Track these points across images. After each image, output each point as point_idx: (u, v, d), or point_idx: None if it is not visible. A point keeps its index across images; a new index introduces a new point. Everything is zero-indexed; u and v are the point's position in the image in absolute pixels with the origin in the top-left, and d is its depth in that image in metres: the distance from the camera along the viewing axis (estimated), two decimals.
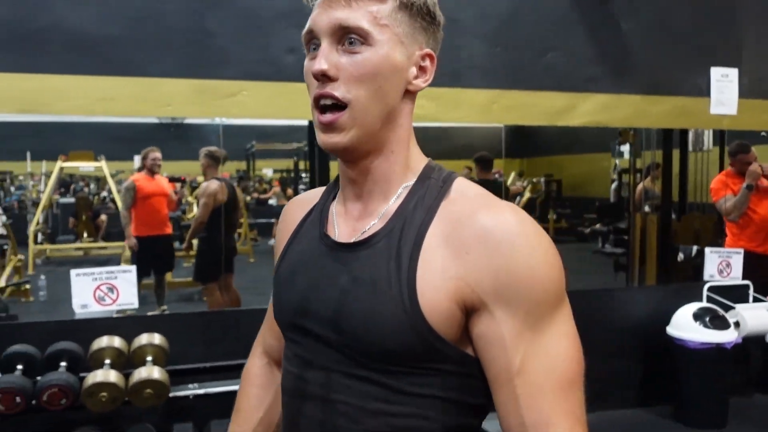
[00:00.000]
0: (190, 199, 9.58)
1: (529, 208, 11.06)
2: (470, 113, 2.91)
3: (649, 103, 3.16)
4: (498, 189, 5.45)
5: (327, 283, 0.85)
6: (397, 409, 0.80)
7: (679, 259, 5.43)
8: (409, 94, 0.87)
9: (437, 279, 0.78)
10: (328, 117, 0.82)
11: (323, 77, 0.81)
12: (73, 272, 2.62)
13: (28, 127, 10.15)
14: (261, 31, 2.63)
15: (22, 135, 10.31)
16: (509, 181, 11.01)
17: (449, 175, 0.88)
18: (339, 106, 0.82)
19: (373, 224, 0.86)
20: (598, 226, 9.27)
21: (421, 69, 0.87)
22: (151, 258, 5.55)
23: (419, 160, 0.90)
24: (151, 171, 5.53)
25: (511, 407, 0.76)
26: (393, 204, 0.86)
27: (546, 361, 0.76)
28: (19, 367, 2.37)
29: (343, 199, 0.92)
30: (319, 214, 0.94)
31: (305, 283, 0.88)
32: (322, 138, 0.83)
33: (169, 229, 5.69)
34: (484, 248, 0.76)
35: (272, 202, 11.70)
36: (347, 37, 0.81)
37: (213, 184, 5.18)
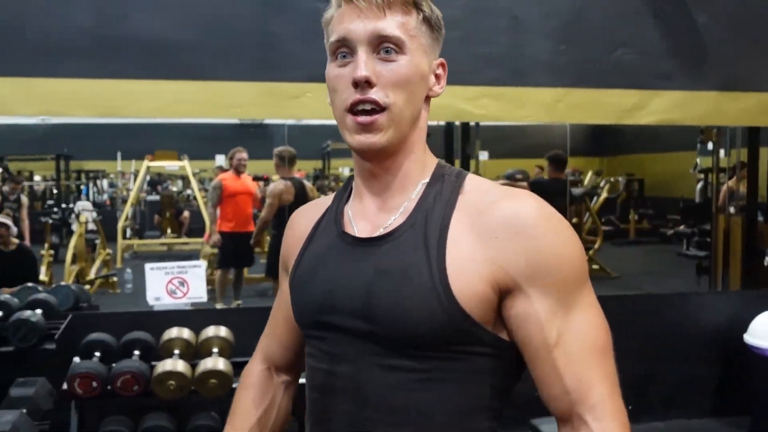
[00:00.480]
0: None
1: (607, 208, 10.72)
2: (535, 112, 2.87)
3: (728, 99, 3.01)
4: (564, 188, 5.31)
5: (352, 278, 0.88)
6: (427, 396, 0.83)
7: (765, 263, 5.13)
8: (428, 99, 0.94)
9: (467, 264, 0.82)
10: (366, 118, 0.86)
11: (365, 83, 0.85)
12: (148, 266, 2.77)
13: (119, 128, 10.72)
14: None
15: (114, 135, 10.90)
16: (586, 181, 10.71)
17: (460, 171, 0.93)
18: (377, 109, 0.86)
19: (394, 219, 0.90)
20: (681, 227, 8.86)
21: (437, 77, 0.93)
22: (234, 253, 5.78)
23: (432, 159, 0.95)
24: (237, 170, 5.76)
25: (553, 377, 0.82)
26: (412, 200, 0.90)
27: (579, 332, 0.82)
28: (97, 354, 2.52)
29: (360, 197, 0.95)
30: (333, 216, 0.98)
31: (327, 280, 0.91)
32: (359, 138, 0.87)
33: (252, 227, 5.87)
34: (512, 232, 0.82)
35: None
36: (383, 45, 0.86)
37: (279, 185, 5.32)
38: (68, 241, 7.27)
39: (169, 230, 9.64)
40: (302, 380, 1.02)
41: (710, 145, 6.47)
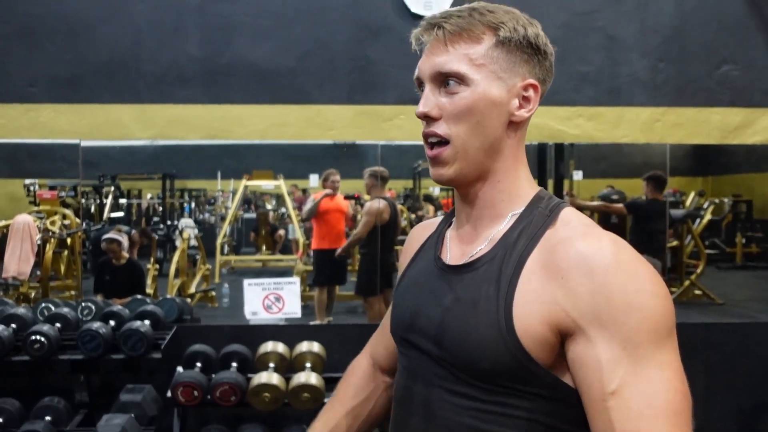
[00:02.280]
0: (359, 216, 10.02)
1: (712, 231, 10.15)
2: (631, 132, 2.79)
3: None
4: (663, 210, 5.10)
5: (433, 302, 0.91)
6: (489, 427, 0.83)
7: None
8: (514, 125, 0.91)
9: (532, 303, 0.81)
10: (433, 152, 0.89)
11: (427, 118, 0.89)
12: (246, 282, 2.89)
13: (219, 148, 11.24)
14: (418, 57, 2.74)
15: (215, 156, 11.44)
16: (688, 202, 10.21)
17: (557, 204, 0.90)
18: (443, 142, 0.89)
19: (480, 248, 0.90)
20: None
21: (525, 99, 0.90)
22: (328, 270, 5.93)
23: (529, 189, 0.93)
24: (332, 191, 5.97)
25: (604, 427, 0.75)
26: (500, 231, 0.90)
27: (646, 389, 0.74)
28: (198, 364, 2.66)
29: (457, 224, 0.98)
30: (435, 238, 1.01)
31: (416, 301, 0.95)
32: (432, 171, 0.91)
33: (344, 243, 6.04)
34: (579, 274, 0.78)
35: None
36: (446, 80, 0.88)
37: (378, 203, 5.40)
38: (172, 256, 7.67)
39: (264, 247, 9.98)
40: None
41: None
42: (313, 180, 8.95)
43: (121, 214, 9.76)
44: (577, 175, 7.25)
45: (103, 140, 3.02)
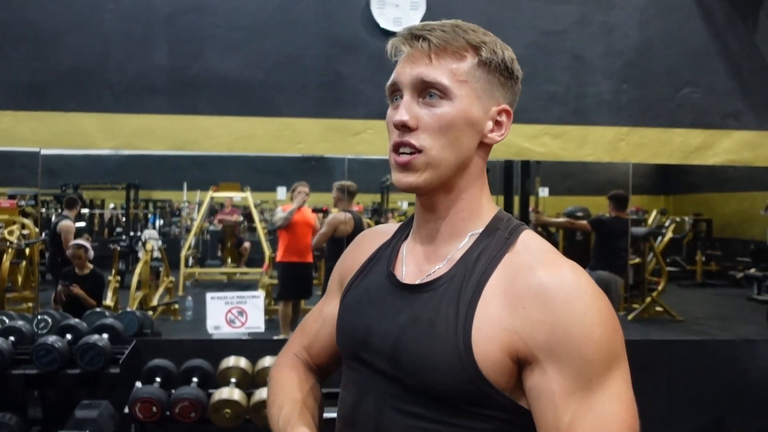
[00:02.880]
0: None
1: (672, 249, 10.36)
2: (596, 151, 2.84)
3: None
4: (626, 228, 5.19)
5: (388, 320, 0.90)
6: None
7: None
8: (484, 146, 0.91)
9: (492, 329, 0.80)
10: (403, 158, 0.87)
11: (403, 127, 0.86)
12: (209, 295, 2.85)
13: (185, 159, 11.10)
14: (389, 72, 2.75)
15: (181, 167, 11.30)
16: (650, 220, 10.42)
17: (517, 226, 0.90)
18: (415, 152, 0.87)
19: (438, 268, 0.89)
20: (752, 270, 8.50)
21: (497, 123, 0.90)
22: (293, 284, 5.87)
23: (489, 210, 0.92)
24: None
25: None
26: (459, 250, 0.89)
27: (596, 423, 0.75)
28: (158, 379, 2.60)
29: (415, 238, 0.96)
30: (389, 252, 0.98)
31: (368, 317, 0.93)
32: (397, 177, 0.88)
33: (310, 258, 5.98)
34: (539, 304, 0.78)
35: None
36: (427, 91, 0.86)
37: (339, 216, 5.39)
38: (134, 267, 7.53)
39: (229, 260, 9.87)
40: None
41: None
42: (281, 193, 8.89)
43: (83, 224, 9.56)
44: (543, 192, 7.34)
45: (65, 149, 2.95)
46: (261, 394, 2.53)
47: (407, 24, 2.77)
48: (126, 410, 2.47)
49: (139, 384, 2.56)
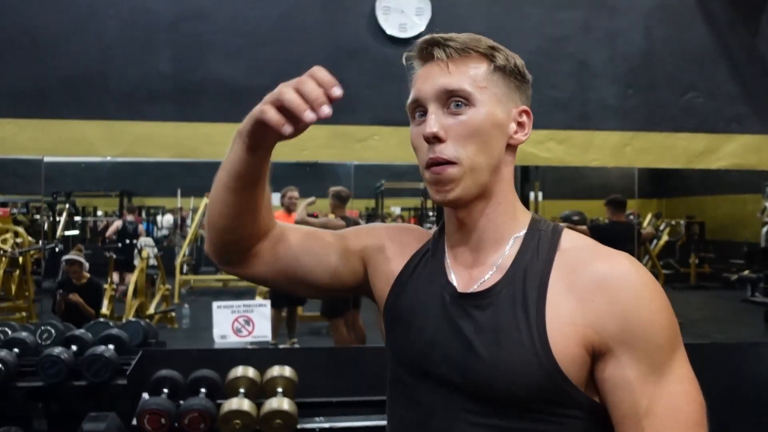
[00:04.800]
0: None
1: (667, 252, 10.41)
2: (601, 156, 2.84)
3: None
4: (629, 232, 5.21)
5: (452, 332, 0.88)
6: None
7: None
8: (510, 148, 0.92)
9: (565, 326, 0.82)
10: (438, 169, 0.86)
11: (434, 139, 0.86)
12: (215, 304, 2.82)
13: (179, 166, 11.04)
14: (394, 78, 2.74)
15: (174, 173, 11.24)
16: (645, 223, 10.46)
17: (555, 226, 0.92)
18: (449, 163, 0.86)
19: (491, 274, 0.89)
20: (746, 272, 8.55)
21: (520, 124, 0.92)
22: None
23: (524, 212, 0.94)
24: (288, 209, 5.85)
25: None
26: (508, 255, 0.90)
27: (671, 403, 0.79)
28: (165, 390, 2.57)
29: (451, 247, 0.95)
30: (435, 258, 0.97)
31: (429, 330, 0.91)
32: (437, 193, 0.88)
33: None
34: (607, 296, 0.81)
35: None
36: (452, 99, 0.87)
37: (334, 222, 5.38)
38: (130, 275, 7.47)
39: None
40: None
41: None
42: (275, 198, 8.85)
43: (76, 232, 9.49)
44: (538, 196, 7.35)
45: (67, 157, 2.92)
46: (271, 404, 2.51)
47: (412, 30, 2.78)
48: (134, 422, 2.44)
49: (146, 395, 2.53)
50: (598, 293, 0.81)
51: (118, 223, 8.75)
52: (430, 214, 11.42)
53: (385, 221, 12.51)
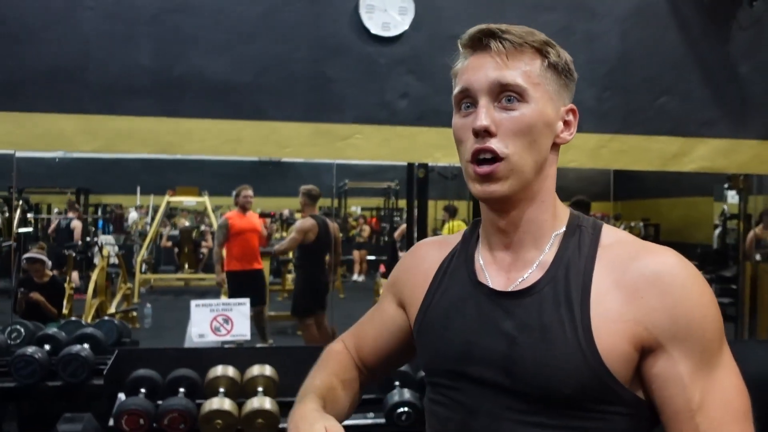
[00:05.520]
0: (284, 234, 9.88)
1: None
2: (579, 157, 2.90)
3: None
4: None
5: (490, 330, 0.87)
6: None
7: None
8: (556, 147, 0.91)
9: (612, 323, 0.81)
10: (486, 168, 0.85)
11: (484, 132, 0.84)
12: (193, 303, 2.77)
13: (139, 162, 10.82)
14: (377, 76, 2.74)
15: (134, 170, 10.99)
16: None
17: (595, 222, 0.91)
18: (496, 158, 0.85)
19: (530, 272, 0.88)
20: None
21: (566, 123, 0.91)
22: (244, 292, 5.72)
23: (564, 209, 0.93)
24: (243, 208, 5.73)
25: None
26: (549, 252, 0.89)
27: (722, 396, 0.79)
28: (143, 390, 2.51)
29: (489, 248, 0.94)
30: (465, 261, 0.96)
31: (465, 330, 0.90)
32: (480, 188, 0.86)
33: (259, 264, 5.82)
34: (656, 291, 0.80)
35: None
36: (504, 94, 0.85)
37: (307, 222, 5.35)
38: (89, 274, 7.28)
39: (186, 265, 9.65)
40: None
41: (731, 192, 6.48)
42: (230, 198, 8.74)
43: (29, 229, 9.20)
44: None
45: (42, 151, 2.83)
46: (252, 403, 2.48)
47: (395, 29, 2.78)
48: (111, 423, 2.38)
49: (122, 395, 2.47)
50: (647, 288, 0.80)
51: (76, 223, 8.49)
52: (394, 214, 11.45)
53: (348, 221, 12.48)
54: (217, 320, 2.80)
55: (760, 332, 5.24)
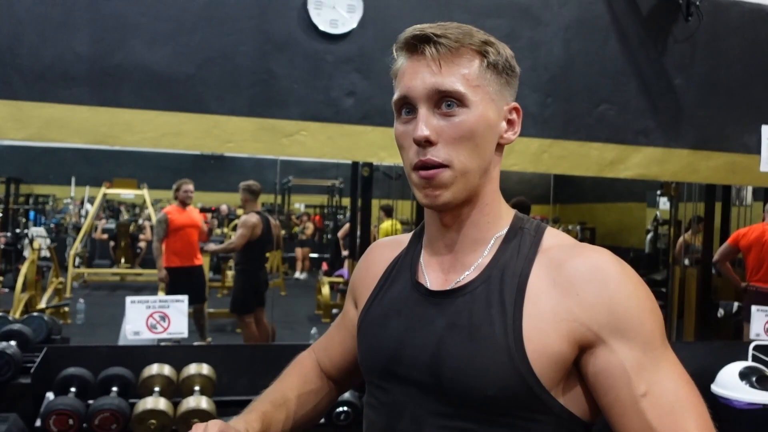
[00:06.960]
0: (226, 230, 9.70)
1: None
2: (521, 161, 2.95)
3: (699, 158, 3.17)
4: None
5: (422, 330, 0.86)
6: None
7: (719, 314, 5.34)
8: (500, 147, 0.91)
9: (545, 323, 0.80)
10: (429, 172, 0.84)
11: (425, 142, 0.83)
12: (128, 299, 2.69)
13: (74, 152, 10.44)
14: (323, 74, 2.72)
15: (69, 160, 10.61)
16: None
17: (538, 225, 0.91)
18: (440, 166, 0.84)
19: (467, 274, 0.88)
20: None
21: (509, 122, 0.90)
22: (184, 289, 5.60)
23: (508, 211, 0.93)
24: (183, 203, 5.61)
25: (641, 429, 0.77)
26: (487, 255, 0.88)
27: (670, 385, 0.78)
28: (73, 389, 2.42)
29: (431, 249, 0.93)
30: (409, 262, 0.96)
31: (399, 330, 0.89)
32: (425, 197, 0.85)
33: (199, 260, 5.73)
34: (592, 286, 0.80)
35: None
36: (444, 100, 0.84)
37: (253, 218, 5.28)
38: (16, 267, 6.97)
39: (122, 260, 9.37)
40: None
41: (663, 198, 6.75)
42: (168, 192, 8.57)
43: None
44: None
45: None
46: (188, 403, 2.42)
47: (343, 26, 2.77)
48: (38, 423, 2.28)
49: (50, 395, 2.38)
50: (583, 285, 0.80)
51: None
52: (338, 212, 11.42)
53: (291, 218, 12.35)
54: (153, 317, 2.72)
55: (687, 335, 5.47)
